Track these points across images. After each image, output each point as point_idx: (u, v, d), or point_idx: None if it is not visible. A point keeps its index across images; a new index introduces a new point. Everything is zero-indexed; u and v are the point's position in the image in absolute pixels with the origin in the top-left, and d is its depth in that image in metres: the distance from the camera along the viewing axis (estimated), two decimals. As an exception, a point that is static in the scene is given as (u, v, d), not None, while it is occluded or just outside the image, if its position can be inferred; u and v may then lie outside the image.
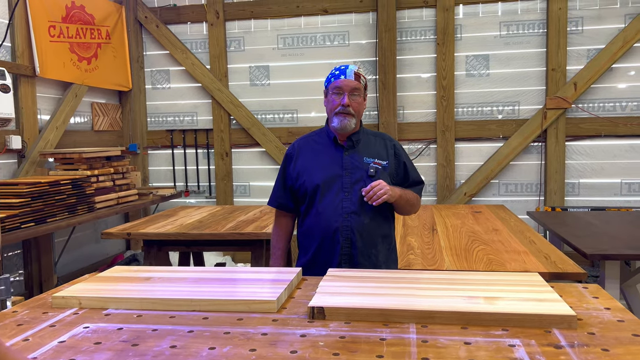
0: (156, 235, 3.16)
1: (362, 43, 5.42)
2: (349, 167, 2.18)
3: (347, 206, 2.13)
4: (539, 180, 5.19)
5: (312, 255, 2.19)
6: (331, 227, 2.13)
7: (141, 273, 1.75)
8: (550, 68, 5.02)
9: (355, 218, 2.13)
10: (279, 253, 2.36)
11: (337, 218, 2.13)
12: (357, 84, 2.14)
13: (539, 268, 2.55)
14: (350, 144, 2.22)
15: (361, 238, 2.14)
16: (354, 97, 2.14)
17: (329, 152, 2.23)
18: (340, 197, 2.14)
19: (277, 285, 1.56)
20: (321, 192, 2.16)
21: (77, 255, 4.91)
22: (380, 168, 2.18)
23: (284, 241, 2.38)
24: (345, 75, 2.14)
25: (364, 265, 2.13)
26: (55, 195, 3.69)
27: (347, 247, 2.13)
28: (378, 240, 2.18)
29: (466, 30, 5.22)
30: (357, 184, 2.15)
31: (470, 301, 1.37)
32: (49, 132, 4.43)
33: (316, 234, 2.18)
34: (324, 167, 2.20)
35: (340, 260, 2.14)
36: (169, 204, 5.66)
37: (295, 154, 2.30)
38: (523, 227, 3.64)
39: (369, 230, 2.15)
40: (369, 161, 2.19)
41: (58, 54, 4.53)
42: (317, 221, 2.18)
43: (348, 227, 2.12)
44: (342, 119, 2.13)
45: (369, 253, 2.16)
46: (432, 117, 5.32)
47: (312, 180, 2.19)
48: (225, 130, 5.66)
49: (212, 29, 5.59)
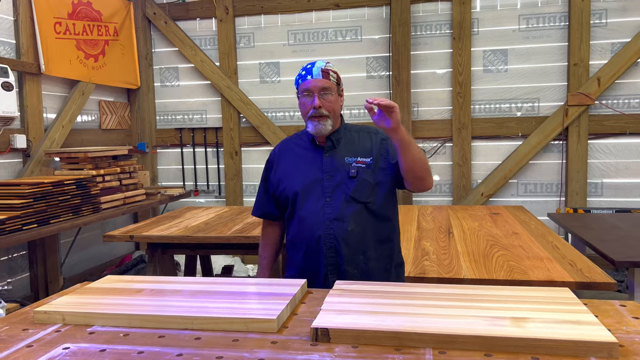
0: (160, 238, 3.04)
1: (375, 38, 5.25)
2: (329, 169, 2.00)
3: (328, 212, 1.96)
4: (559, 180, 4.98)
5: (300, 268, 2.03)
6: (314, 235, 1.97)
7: (133, 284, 1.62)
8: (572, 63, 4.81)
9: (338, 225, 1.94)
10: (265, 263, 2.22)
11: (319, 226, 1.96)
12: (325, 82, 1.95)
13: (565, 277, 2.38)
14: (330, 144, 2.03)
15: (347, 245, 1.95)
16: (326, 96, 1.95)
17: (308, 155, 2.06)
18: (322, 203, 1.97)
19: (278, 300, 1.41)
20: (301, 199, 2.00)
21: (84, 256, 4.83)
22: (363, 167, 1.98)
23: (271, 251, 2.23)
24: (312, 74, 1.95)
25: (352, 274, 1.95)
26: (59, 195, 3.59)
27: (331, 256, 1.96)
28: (369, 246, 1.98)
29: (483, 24, 5.02)
30: (339, 188, 1.97)
31: (494, 323, 1.21)
32: (54, 130, 4.34)
33: (300, 244, 2.02)
34: (304, 172, 2.04)
35: (326, 270, 1.97)
36: (178, 204, 5.56)
37: (276, 159, 2.15)
38: (544, 230, 3.45)
39: (355, 237, 1.95)
40: (351, 161, 1.99)
41: (64, 51, 4.43)
42: (300, 230, 2.02)
43: (331, 235, 1.95)
44: (317, 123, 1.95)
45: (357, 260, 1.96)
46: (447, 115, 5.14)
47: (292, 187, 2.03)
48: (235, 128, 5.54)
49: (221, 25, 5.46)
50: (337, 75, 2.03)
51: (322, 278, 1.97)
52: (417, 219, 3.91)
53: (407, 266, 2.61)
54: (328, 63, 2.03)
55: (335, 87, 1.99)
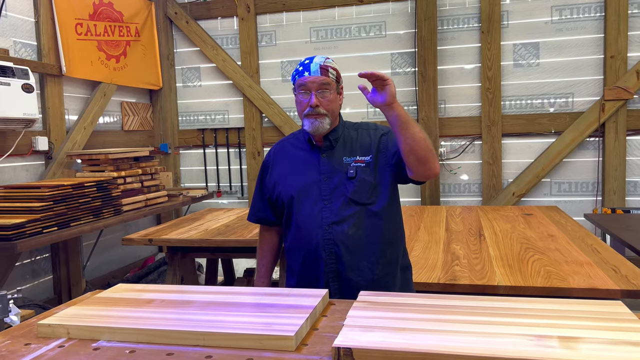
0: (179, 242, 2.96)
1: (400, 33, 5.09)
2: (326, 171, 1.87)
3: (327, 216, 1.83)
4: (595, 178, 4.74)
5: (299, 276, 1.91)
6: (312, 241, 1.84)
7: (144, 294, 1.52)
8: (609, 55, 4.57)
9: (338, 229, 1.81)
10: (263, 271, 2.10)
11: (317, 231, 1.83)
12: (324, 79, 1.81)
13: (608, 284, 2.20)
14: (328, 144, 1.90)
15: (348, 251, 1.81)
16: (324, 94, 1.82)
17: (305, 156, 1.93)
18: (319, 207, 1.84)
19: (297, 314, 1.29)
20: (298, 203, 1.87)
21: (107, 258, 4.80)
22: (363, 166, 1.84)
23: (269, 258, 2.11)
24: (310, 71, 1.82)
25: (355, 282, 1.81)
26: (79, 198, 3.55)
27: (332, 263, 1.83)
28: (372, 251, 1.84)
29: (513, 16, 4.81)
30: (337, 190, 1.83)
31: (541, 343, 1.07)
32: (76, 132, 4.32)
33: (298, 251, 1.89)
34: (300, 174, 1.90)
35: (326, 278, 1.84)
36: (201, 205, 5.51)
37: (271, 161, 2.03)
38: (582, 232, 3.26)
39: (356, 241, 1.82)
40: (349, 161, 1.86)
41: (85, 53, 4.41)
42: (297, 236, 1.89)
43: (330, 240, 1.81)
44: (313, 121, 1.82)
45: (360, 267, 1.82)
46: (476, 112, 4.95)
47: (287, 190, 1.91)
48: (257, 128, 5.45)
49: (242, 23, 5.38)
50: (337, 72, 1.89)
51: (323, 286, 1.84)
52: (445, 220, 3.75)
53: (436, 271, 2.47)
54: (327, 59, 1.89)
55: (334, 84, 1.86)
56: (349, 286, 1.82)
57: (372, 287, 1.82)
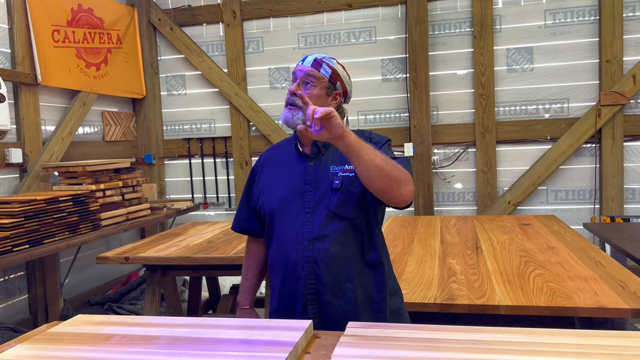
0: (157, 260, 2.77)
1: (391, 39, 4.95)
2: (312, 180, 1.68)
3: (308, 231, 1.64)
4: (593, 186, 4.61)
5: (278, 296, 1.73)
6: (290, 258, 1.66)
7: (104, 328, 1.34)
8: (604, 60, 4.45)
9: (319, 246, 1.63)
10: (247, 285, 1.91)
11: (297, 247, 1.64)
12: (312, 70, 1.66)
13: (617, 302, 2.04)
14: (316, 150, 1.72)
15: (329, 271, 1.62)
16: (307, 86, 1.66)
17: (291, 164, 1.75)
18: (302, 220, 1.66)
19: (276, 352, 1.12)
20: (280, 215, 1.70)
21: (87, 275, 4.59)
22: (351, 176, 1.65)
23: (255, 272, 1.93)
24: (303, 61, 1.70)
25: (337, 306, 1.63)
26: (54, 213, 3.35)
27: (311, 284, 1.64)
28: (356, 272, 1.66)
29: (506, 20, 4.69)
30: (322, 202, 1.65)
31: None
32: (53, 143, 4.13)
33: (279, 268, 1.71)
34: (285, 184, 1.73)
35: (304, 300, 1.65)
36: (187, 217, 5.32)
37: (260, 167, 1.86)
38: (584, 243, 3.11)
39: (339, 259, 1.63)
40: (336, 170, 1.67)
41: (63, 60, 4.23)
42: (278, 252, 1.71)
43: (310, 258, 1.63)
44: (286, 111, 1.66)
45: (343, 289, 1.63)
46: (470, 118, 4.81)
47: (270, 201, 1.73)
48: (245, 137, 5.28)
49: (228, 29, 5.22)
50: (335, 73, 1.70)
51: (301, 310, 1.66)
52: (440, 232, 3.59)
53: (431, 289, 2.30)
54: (332, 58, 1.73)
55: (323, 81, 1.68)
56: (329, 310, 1.64)
57: (355, 313, 1.64)
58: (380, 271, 1.72)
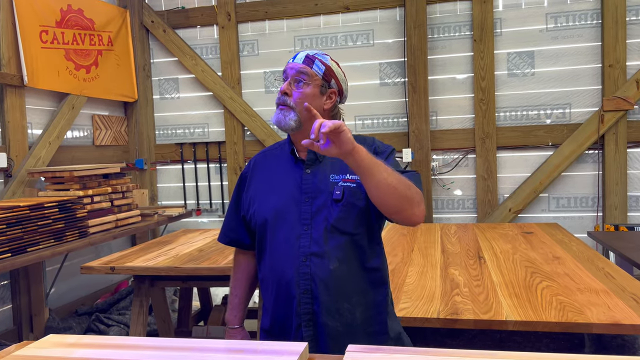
0: (144, 270, 2.63)
1: (389, 42, 4.85)
2: (309, 190, 1.55)
3: (305, 245, 1.50)
4: (596, 193, 4.50)
5: (271, 315, 1.59)
6: (285, 275, 1.52)
7: (75, 351, 1.21)
8: (607, 64, 4.35)
9: (318, 262, 1.49)
10: (236, 302, 1.77)
11: (292, 262, 1.51)
12: (304, 67, 1.54)
13: (633, 318, 1.92)
14: (313, 156, 1.58)
15: (327, 290, 1.49)
16: (298, 85, 1.54)
17: (285, 171, 1.62)
18: (297, 233, 1.51)
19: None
20: (273, 227, 1.56)
21: (74, 284, 4.43)
22: (353, 186, 1.52)
23: (244, 287, 1.78)
24: (294, 59, 1.58)
25: (333, 328, 1.50)
26: (38, 220, 3.21)
27: (306, 304, 1.50)
28: (356, 291, 1.53)
29: (507, 24, 4.59)
30: (320, 213, 1.51)
31: None
32: (40, 147, 3.99)
33: (272, 285, 1.57)
34: (279, 192, 1.58)
35: (299, 321, 1.51)
36: (179, 224, 5.17)
37: (249, 173, 1.72)
38: (590, 253, 2.99)
39: (339, 278, 1.49)
40: (337, 179, 1.54)
41: (51, 62, 4.09)
42: (270, 267, 1.57)
43: (307, 275, 1.49)
44: (278, 112, 1.55)
45: (340, 309, 1.50)
46: (469, 124, 4.70)
47: (262, 211, 1.59)
48: (239, 142, 5.15)
49: (223, 32, 5.11)
50: (328, 70, 1.57)
51: (294, 330, 1.52)
52: (440, 240, 3.47)
53: (434, 303, 2.17)
54: (325, 55, 1.60)
55: (317, 79, 1.55)
56: (324, 332, 1.50)
57: (354, 335, 1.50)
58: (382, 291, 1.59)
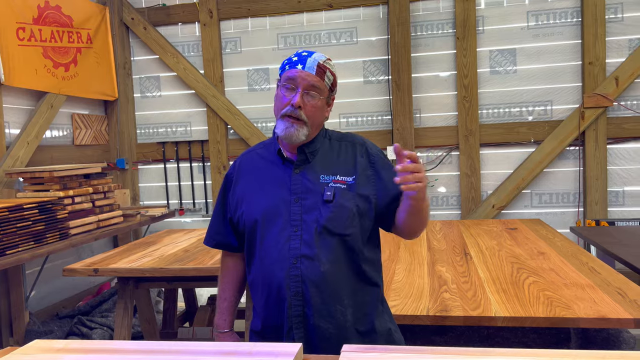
0: (128, 272, 2.58)
1: (372, 40, 4.84)
2: (299, 190, 1.53)
3: (295, 247, 1.49)
4: (577, 189, 4.57)
5: (262, 319, 1.58)
6: (275, 277, 1.50)
7: (62, 356, 1.17)
8: (587, 62, 4.41)
9: (308, 264, 1.47)
10: (225, 306, 1.74)
11: (282, 264, 1.49)
12: (318, 80, 1.50)
13: (619, 312, 1.94)
14: (303, 157, 1.57)
15: (319, 292, 1.48)
16: (311, 97, 1.51)
17: (274, 171, 1.60)
18: (287, 234, 1.50)
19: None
20: (262, 228, 1.54)
21: (56, 286, 4.34)
22: (343, 188, 1.52)
23: (232, 291, 1.76)
24: (305, 65, 1.50)
25: (325, 330, 1.49)
26: (17, 222, 3.13)
27: (297, 306, 1.49)
28: (347, 293, 1.51)
29: (489, 22, 4.63)
30: (310, 214, 1.50)
31: None
32: (18, 147, 3.89)
33: (262, 287, 1.55)
34: (268, 193, 1.57)
35: (291, 324, 1.50)
36: (162, 225, 5.10)
37: (235, 175, 1.69)
38: (574, 248, 3.04)
39: (330, 281, 1.48)
40: (327, 180, 1.53)
41: (29, 60, 4.00)
42: (260, 270, 1.55)
43: (297, 277, 1.48)
44: (289, 125, 1.50)
45: (332, 311, 1.49)
46: (453, 121, 4.73)
47: (251, 212, 1.57)
48: (222, 141, 5.10)
49: (205, 29, 5.05)
50: (334, 79, 1.57)
51: (286, 333, 1.51)
52: (426, 237, 3.48)
53: (423, 300, 2.18)
54: (329, 59, 1.58)
55: (326, 91, 1.54)
56: (316, 334, 1.49)
57: (345, 337, 1.49)
58: (374, 291, 1.58)
